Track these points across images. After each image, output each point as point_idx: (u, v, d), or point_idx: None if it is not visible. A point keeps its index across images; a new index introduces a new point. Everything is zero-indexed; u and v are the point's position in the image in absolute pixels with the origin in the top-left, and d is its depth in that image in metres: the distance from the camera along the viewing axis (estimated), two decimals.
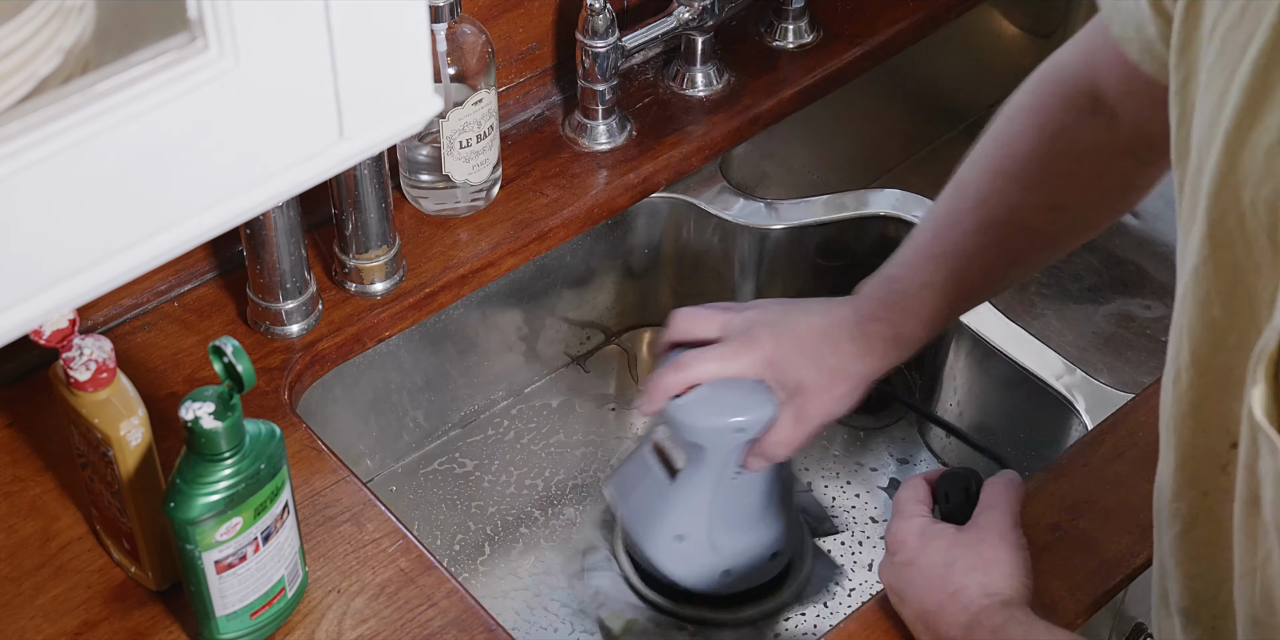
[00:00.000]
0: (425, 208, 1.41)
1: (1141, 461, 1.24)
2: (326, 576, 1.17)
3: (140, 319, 1.33)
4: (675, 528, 1.31)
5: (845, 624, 1.16)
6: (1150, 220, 1.72)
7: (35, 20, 0.63)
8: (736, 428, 1.23)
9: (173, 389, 1.28)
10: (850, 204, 1.50)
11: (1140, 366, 1.58)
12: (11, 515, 1.20)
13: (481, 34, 1.33)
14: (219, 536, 1.04)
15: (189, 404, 1.00)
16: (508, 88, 1.48)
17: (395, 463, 1.48)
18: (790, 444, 1.24)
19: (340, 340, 1.33)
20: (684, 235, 1.54)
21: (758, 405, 1.23)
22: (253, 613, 1.11)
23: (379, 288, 1.35)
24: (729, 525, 1.31)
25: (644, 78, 1.54)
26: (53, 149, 0.63)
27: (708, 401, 1.23)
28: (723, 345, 1.23)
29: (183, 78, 0.66)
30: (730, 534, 1.32)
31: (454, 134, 1.34)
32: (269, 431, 1.05)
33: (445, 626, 1.15)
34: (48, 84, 0.64)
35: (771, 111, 1.54)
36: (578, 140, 1.48)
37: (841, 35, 1.59)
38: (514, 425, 1.53)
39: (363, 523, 1.21)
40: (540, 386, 1.55)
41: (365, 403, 1.41)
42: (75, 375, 1.04)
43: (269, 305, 1.30)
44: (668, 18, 1.47)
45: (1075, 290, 1.65)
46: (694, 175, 1.51)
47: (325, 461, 1.24)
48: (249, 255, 1.28)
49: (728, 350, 1.23)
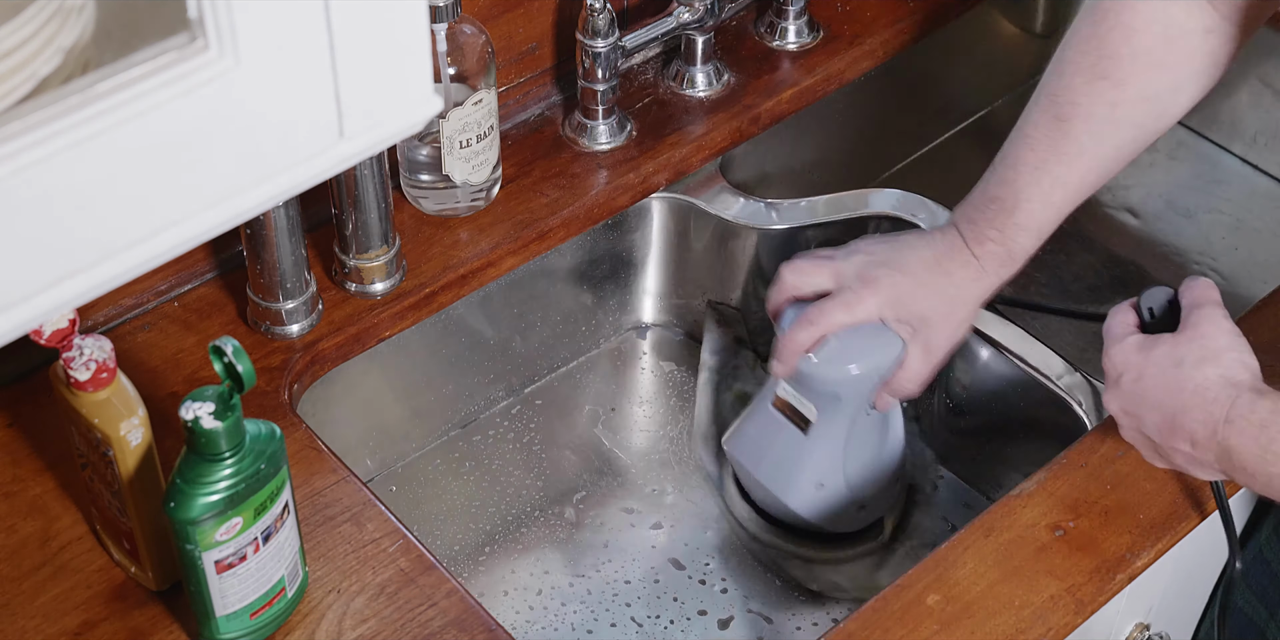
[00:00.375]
0: (425, 208, 1.41)
1: (1141, 461, 1.24)
2: (326, 576, 1.17)
3: (140, 319, 1.33)
4: (815, 477, 1.35)
5: (846, 624, 1.16)
6: (1150, 220, 1.72)
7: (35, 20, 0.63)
8: (873, 372, 1.27)
9: (173, 389, 1.28)
10: (850, 204, 1.50)
11: None
12: (11, 515, 1.20)
13: (481, 34, 1.33)
14: (219, 536, 1.04)
15: (189, 404, 1.00)
16: (508, 88, 1.48)
17: (395, 463, 1.48)
18: (921, 377, 1.28)
19: (340, 340, 1.33)
20: (684, 235, 1.54)
21: (886, 346, 1.26)
22: (253, 613, 1.11)
23: (379, 288, 1.35)
24: (863, 464, 1.35)
25: (644, 78, 1.54)
26: (53, 149, 0.64)
27: (838, 352, 1.26)
28: (844, 293, 1.26)
29: (183, 78, 0.66)
30: (864, 471, 1.36)
31: (454, 134, 1.34)
32: (269, 431, 1.05)
33: (445, 626, 1.15)
34: (48, 84, 0.64)
35: (771, 111, 1.54)
36: (578, 140, 1.48)
37: (841, 35, 1.59)
38: (514, 425, 1.53)
39: (363, 523, 1.21)
40: (540, 386, 1.55)
41: (365, 403, 1.41)
42: (75, 375, 1.04)
43: (269, 305, 1.30)
44: (668, 18, 1.47)
45: (1075, 290, 1.65)
46: (694, 175, 1.51)
47: (325, 461, 1.24)
48: (249, 255, 1.28)
49: (850, 297, 1.25)
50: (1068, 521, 1.21)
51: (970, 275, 1.24)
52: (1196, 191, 1.74)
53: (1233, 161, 1.76)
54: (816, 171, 1.67)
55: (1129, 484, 1.23)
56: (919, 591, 1.17)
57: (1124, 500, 1.22)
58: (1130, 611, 1.30)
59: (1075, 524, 1.20)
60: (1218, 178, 1.75)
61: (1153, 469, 1.24)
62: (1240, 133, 1.75)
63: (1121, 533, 1.20)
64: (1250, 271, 1.67)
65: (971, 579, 1.18)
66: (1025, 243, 1.23)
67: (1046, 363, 1.39)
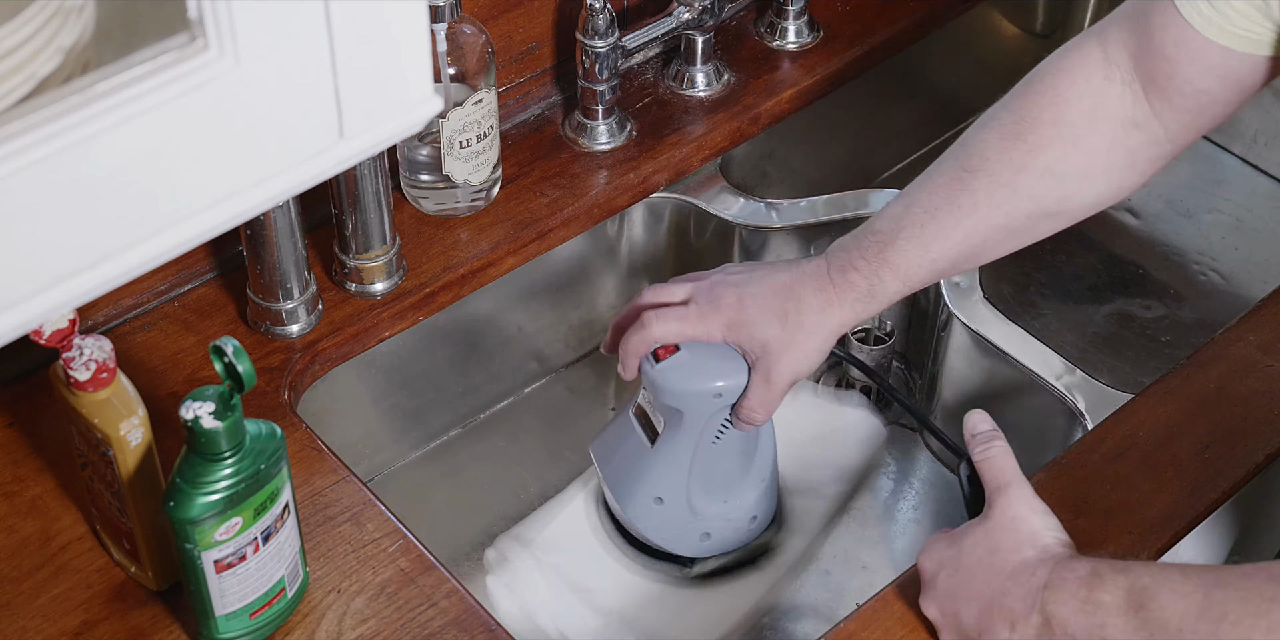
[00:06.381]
0: (425, 208, 1.41)
1: (1141, 461, 1.24)
2: (326, 576, 1.17)
3: (140, 319, 1.33)
4: (655, 490, 1.32)
5: (845, 624, 1.16)
6: (1150, 220, 1.72)
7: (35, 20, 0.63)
8: (713, 393, 1.24)
9: (173, 389, 1.28)
10: (850, 204, 1.50)
11: (1140, 366, 1.58)
12: (11, 515, 1.20)
13: (481, 34, 1.33)
14: (219, 536, 1.04)
15: (189, 404, 1.00)
16: (508, 88, 1.48)
17: (395, 463, 1.48)
18: (765, 406, 1.24)
19: (340, 340, 1.33)
20: (684, 235, 1.54)
21: (735, 371, 1.23)
22: (252, 613, 1.11)
23: (379, 288, 1.35)
24: (708, 489, 1.32)
25: (644, 78, 1.54)
26: (53, 149, 0.64)
27: (686, 366, 1.24)
28: (686, 306, 1.24)
29: (183, 78, 0.66)
30: (709, 498, 1.32)
31: (454, 134, 1.34)
32: (269, 431, 1.05)
33: (445, 626, 1.15)
34: (48, 84, 0.64)
35: (771, 111, 1.54)
36: (578, 140, 1.48)
37: (841, 35, 1.59)
38: (514, 425, 1.53)
39: (363, 523, 1.21)
40: (540, 386, 1.55)
41: (365, 403, 1.41)
42: (75, 375, 1.04)
43: (269, 305, 1.30)
44: (668, 18, 1.47)
45: (1075, 290, 1.65)
46: (694, 175, 1.51)
47: (325, 461, 1.24)
48: (249, 255, 1.28)
49: (690, 311, 1.23)
50: (1068, 521, 1.21)
51: (820, 302, 1.19)
52: (1196, 191, 1.74)
53: (1233, 161, 1.76)
54: (816, 171, 1.67)
55: (1129, 484, 1.23)
56: (919, 591, 1.17)
57: (1124, 500, 1.22)
58: None
59: (1075, 524, 1.20)
60: (1218, 178, 1.75)
61: (1153, 469, 1.24)
62: (1240, 133, 1.75)
63: (1121, 533, 1.20)
64: (1250, 271, 1.68)
65: None
66: (889, 284, 1.18)
67: (1046, 363, 1.39)
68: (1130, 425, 1.27)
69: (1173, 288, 1.65)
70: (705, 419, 1.26)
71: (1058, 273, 1.67)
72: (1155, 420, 1.27)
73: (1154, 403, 1.29)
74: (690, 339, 1.23)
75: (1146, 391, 1.30)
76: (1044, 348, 1.40)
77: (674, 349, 1.24)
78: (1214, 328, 1.54)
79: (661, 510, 1.33)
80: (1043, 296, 1.65)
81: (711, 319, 1.22)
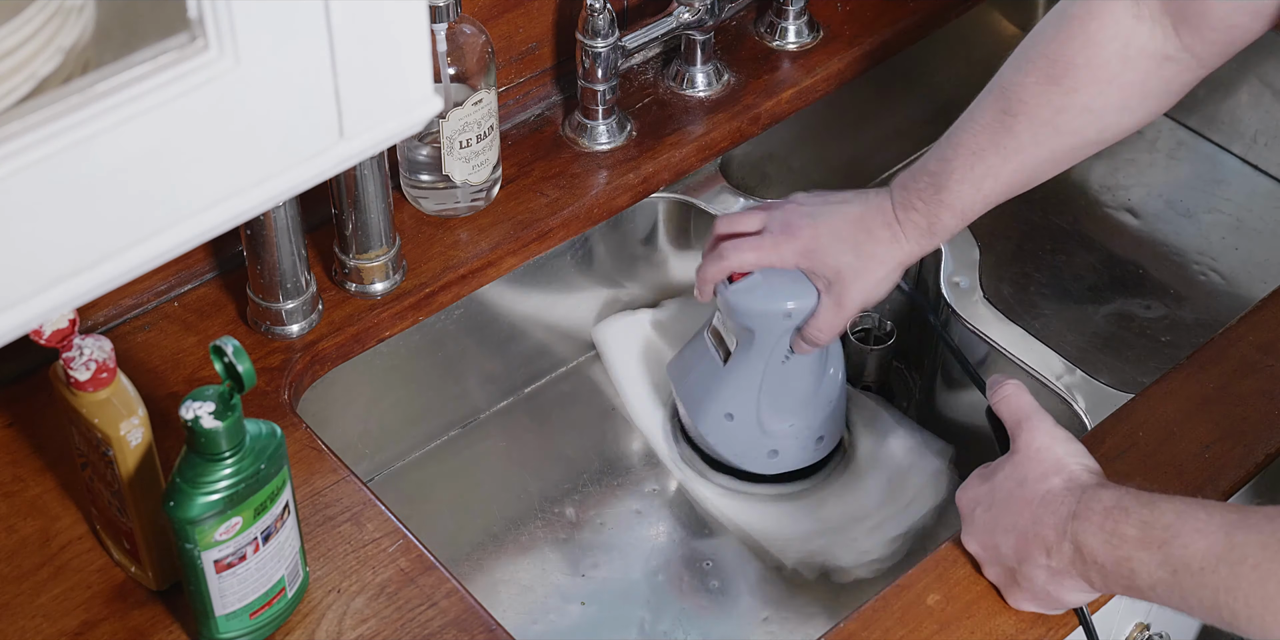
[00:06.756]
0: (425, 208, 1.41)
1: (1141, 461, 1.24)
2: (326, 576, 1.17)
3: (140, 319, 1.33)
4: (726, 406, 1.38)
5: (846, 624, 1.16)
6: (1150, 220, 1.72)
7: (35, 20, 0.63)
8: (784, 313, 1.30)
9: (173, 389, 1.28)
10: None
11: (1140, 366, 1.58)
12: (11, 515, 1.20)
13: (481, 34, 1.33)
14: (219, 536, 1.04)
15: (189, 404, 1.00)
16: (508, 88, 1.48)
17: (395, 462, 1.48)
18: (831, 329, 1.30)
19: (340, 340, 1.33)
20: (684, 235, 1.54)
21: (805, 293, 1.29)
22: (252, 612, 1.11)
23: (379, 288, 1.35)
24: (776, 407, 1.38)
25: (644, 78, 1.54)
26: (53, 149, 0.64)
27: (758, 288, 1.30)
28: (762, 236, 1.30)
29: (183, 78, 0.66)
30: (777, 416, 1.38)
31: (454, 134, 1.34)
32: (269, 431, 1.05)
33: (445, 626, 1.15)
34: (48, 84, 0.64)
35: (771, 111, 1.54)
36: (578, 140, 1.48)
37: (841, 35, 1.59)
38: (514, 425, 1.53)
39: (363, 523, 1.21)
40: (540, 386, 1.55)
41: (365, 403, 1.41)
42: (75, 375, 1.04)
43: (269, 305, 1.30)
44: (668, 18, 1.47)
45: (1075, 290, 1.65)
46: (694, 175, 1.51)
47: (325, 461, 1.24)
48: (249, 255, 1.28)
49: (766, 240, 1.29)
50: None
51: (888, 236, 1.26)
52: (1196, 191, 1.74)
53: (1233, 161, 1.76)
54: (816, 171, 1.67)
55: (1129, 484, 1.23)
56: (919, 591, 1.17)
57: None
58: (1130, 611, 1.30)
59: None
60: (1218, 178, 1.75)
61: (1152, 469, 1.24)
62: (1240, 133, 1.75)
63: None
64: (1250, 271, 1.67)
65: (972, 579, 1.18)
66: (947, 221, 1.25)
67: (1046, 363, 1.39)
68: (1130, 425, 1.27)
69: (1173, 288, 1.65)
70: (775, 338, 1.32)
71: (1058, 273, 1.66)
72: (1155, 420, 1.27)
73: (1154, 403, 1.29)
74: (766, 266, 1.30)
75: (1146, 391, 1.30)
76: (1044, 348, 1.40)
77: (747, 273, 1.30)
78: (1214, 328, 1.54)
79: (732, 426, 1.39)
80: (1043, 296, 1.65)
81: (786, 247, 1.28)
